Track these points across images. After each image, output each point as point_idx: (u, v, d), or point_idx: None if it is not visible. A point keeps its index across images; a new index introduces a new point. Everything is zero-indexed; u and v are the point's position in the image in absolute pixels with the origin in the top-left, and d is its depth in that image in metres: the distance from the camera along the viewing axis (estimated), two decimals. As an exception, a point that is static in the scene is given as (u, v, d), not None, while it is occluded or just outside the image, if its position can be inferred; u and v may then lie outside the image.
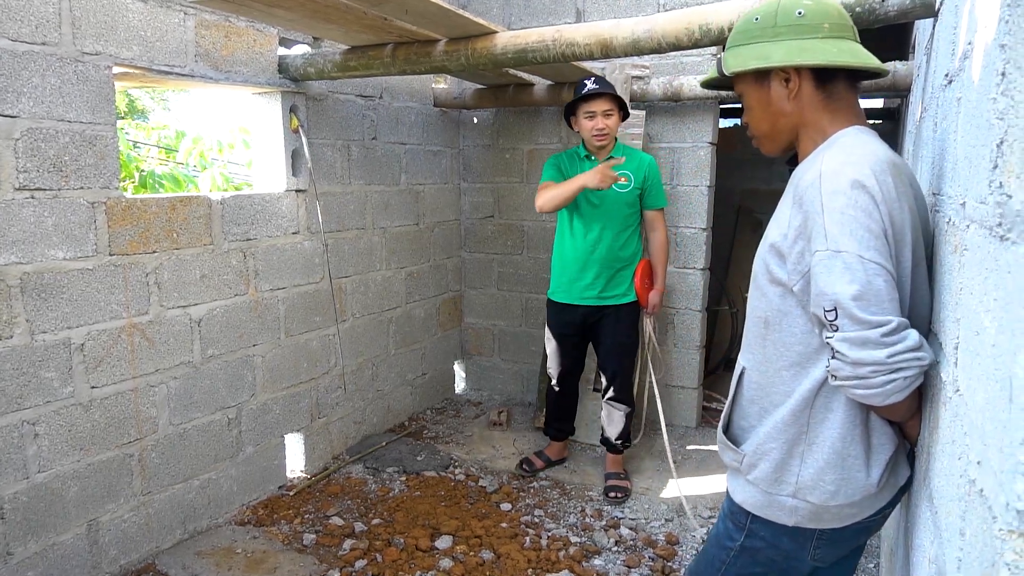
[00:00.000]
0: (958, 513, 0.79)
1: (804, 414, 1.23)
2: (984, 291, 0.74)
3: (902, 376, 1.05)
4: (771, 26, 1.24)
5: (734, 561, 1.38)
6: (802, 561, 1.32)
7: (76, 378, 2.33)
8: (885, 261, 1.08)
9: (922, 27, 2.31)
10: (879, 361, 1.04)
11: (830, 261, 1.09)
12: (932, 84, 1.63)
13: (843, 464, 1.21)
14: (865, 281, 1.06)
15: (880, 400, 1.08)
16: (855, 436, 1.21)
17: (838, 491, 1.22)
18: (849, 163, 1.13)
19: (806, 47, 1.21)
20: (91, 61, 2.31)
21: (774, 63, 1.23)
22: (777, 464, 1.27)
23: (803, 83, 1.25)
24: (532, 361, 4.28)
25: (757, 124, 1.33)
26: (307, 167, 3.17)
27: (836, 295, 1.08)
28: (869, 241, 1.07)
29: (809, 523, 1.27)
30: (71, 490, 2.34)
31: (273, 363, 3.09)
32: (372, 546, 2.72)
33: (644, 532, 2.87)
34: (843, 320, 1.07)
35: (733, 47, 1.30)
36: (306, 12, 2.38)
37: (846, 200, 1.09)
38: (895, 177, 1.14)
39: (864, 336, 1.05)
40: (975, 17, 0.95)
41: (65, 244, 2.27)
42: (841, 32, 1.24)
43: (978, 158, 0.82)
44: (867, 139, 1.21)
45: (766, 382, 1.30)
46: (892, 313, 1.06)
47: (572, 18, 3.88)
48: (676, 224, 3.80)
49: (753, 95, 1.31)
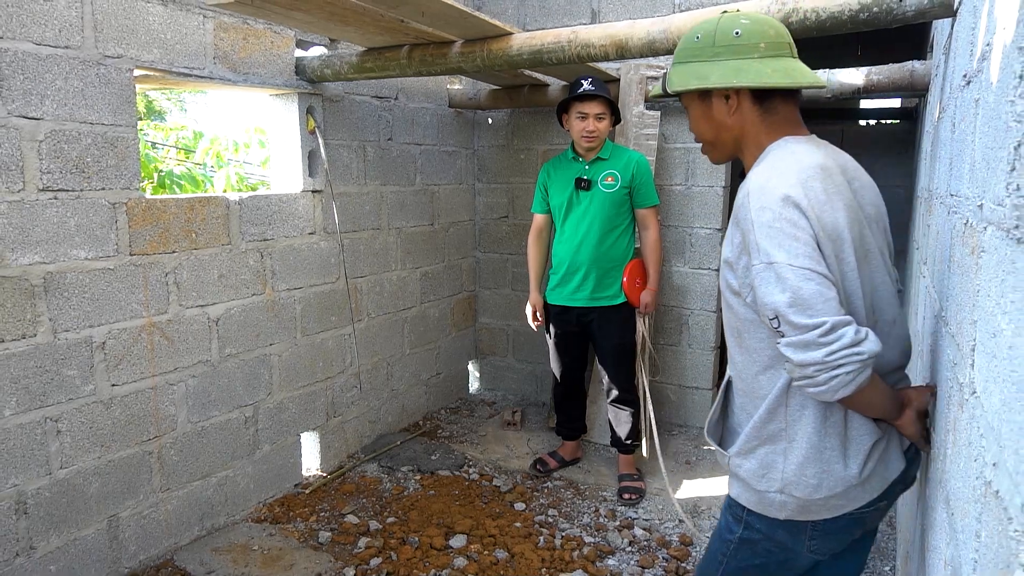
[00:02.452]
0: (974, 515, 0.78)
1: (780, 411, 1.29)
2: (1001, 293, 0.74)
3: (844, 371, 1.10)
4: (710, 45, 1.31)
5: (735, 554, 1.43)
6: (799, 553, 1.35)
7: (97, 376, 2.37)
8: (816, 265, 1.14)
9: (940, 26, 2.30)
10: (819, 361, 1.10)
11: (765, 273, 1.16)
12: (950, 84, 1.62)
13: (821, 457, 1.26)
14: (796, 287, 1.12)
15: (831, 395, 1.13)
16: (828, 430, 1.26)
17: (820, 484, 1.27)
18: (773, 177, 1.21)
19: (742, 68, 1.28)
20: (113, 64, 2.35)
21: (711, 84, 1.30)
22: (761, 462, 1.32)
23: (742, 100, 1.32)
24: (546, 361, 4.27)
25: (702, 134, 1.41)
26: (323, 168, 3.20)
27: (775, 304, 1.14)
28: (797, 249, 1.14)
29: (799, 516, 1.31)
30: (92, 486, 2.38)
31: (289, 362, 3.12)
32: (387, 544, 2.74)
33: (658, 533, 2.87)
34: (785, 327, 1.14)
35: (677, 64, 1.37)
36: (323, 14, 2.40)
37: (772, 215, 1.17)
38: (824, 181, 1.21)
39: (803, 339, 1.12)
40: (994, 18, 0.94)
41: (87, 244, 2.31)
42: (777, 51, 1.30)
43: (996, 160, 0.82)
44: (795, 148, 1.28)
45: (748, 388, 1.36)
46: (827, 314, 1.11)
47: (587, 19, 3.88)
48: (691, 224, 3.79)
49: (697, 109, 1.38)
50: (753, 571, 1.42)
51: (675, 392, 3.96)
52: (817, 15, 2.00)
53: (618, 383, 3.22)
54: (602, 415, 3.64)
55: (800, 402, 1.27)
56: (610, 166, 3.09)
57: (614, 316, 3.15)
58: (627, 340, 3.21)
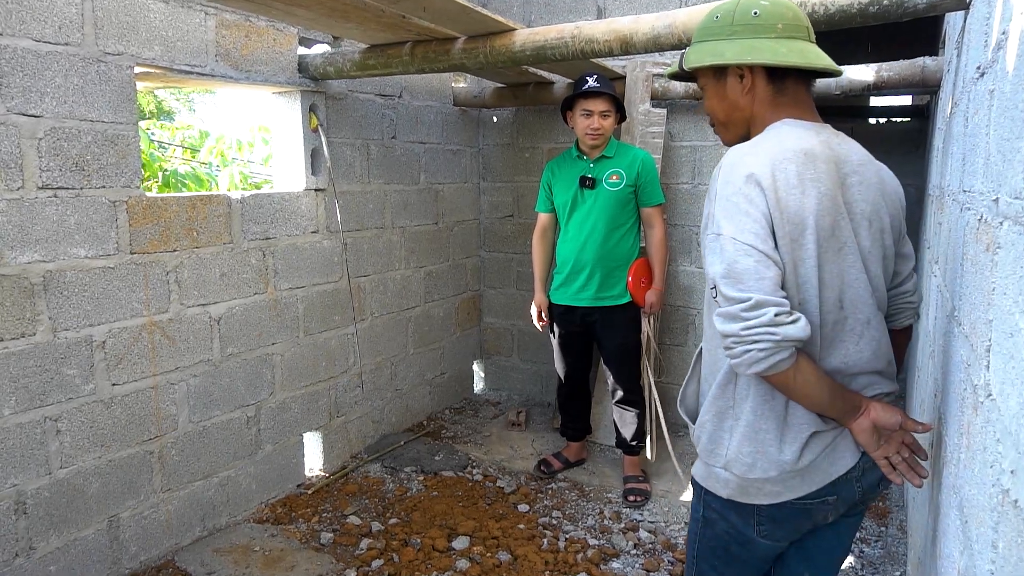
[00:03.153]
0: (990, 524, 0.75)
1: (729, 388, 1.32)
2: (1019, 291, 0.70)
3: (757, 348, 1.12)
4: (728, 24, 1.32)
5: (703, 533, 1.45)
6: (751, 537, 1.37)
7: (98, 375, 2.36)
8: (759, 243, 1.16)
9: (952, 21, 2.25)
10: (735, 333, 1.14)
11: (713, 244, 1.20)
12: (963, 78, 1.57)
13: (756, 438, 1.29)
14: (732, 260, 1.16)
15: (744, 369, 1.16)
16: (766, 412, 1.28)
17: (754, 464, 1.29)
18: (749, 154, 1.23)
19: (757, 46, 1.29)
20: (113, 61, 2.33)
21: (727, 60, 1.31)
22: (711, 436, 1.36)
23: (756, 79, 1.33)
24: (551, 361, 4.23)
25: (715, 113, 1.42)
26: (326, 166, 3.17)
27: (713, 274, 1.19)
28: (745, 224, 1.17)
29: (739, 497, 1.34)
30: (92, 486, 2.37)
31: (292, 362, 3.10)
32: (389, 546, 2.71)
33: (663, 535, 2.83)
34: (720, 297, 1.18)
35: (696, 43, 1.39)
36: (325, 11, 2.38)
37: (732, 188, 1.20)
38: (801, 165, 1.21)
39: (728, 311, 1.15)
40: (1010, 5, 0.91)
41: (87, 242, 2.29)
42: (794, 32, 1.31)
43: (1012, 151, 0.78)
44: (787, 131, 1.28)
45: (711, 361, 1.39)
46: (756, 291, 1.14)
47: (593, 15, 3.85)
48: (697, 223, 3.75)
49: (711, 88, 1.40)
50: (720, 552, 1.44)
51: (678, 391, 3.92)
52: (825, 8, 1.96)
53: (623, 384, 3.19)
54: (607, 416, 3.61)
55: (747, 381, 1.29)
56: (615, 164, 3.06)
57: (619, 316, 3.12)
58: (632, 340, 3.17)
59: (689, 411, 1.49)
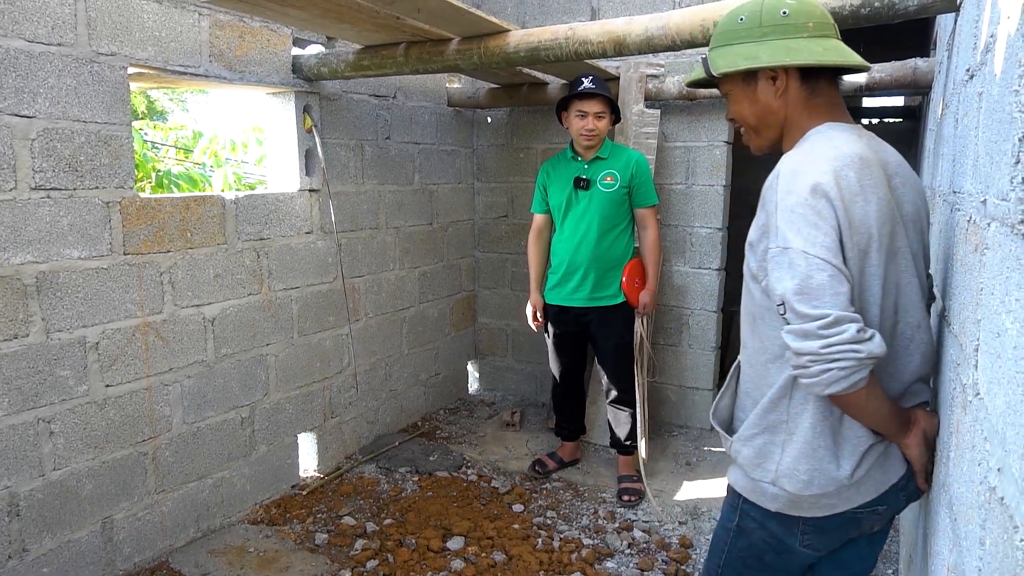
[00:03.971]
0: (978, 521, 0.76)
1: (783, 402, 1.27)
2: (1006, 291, 0.71)
3: (837, 367, 1.07)
4: (757, 26, 1.27)
5: (734, 542, 1.42)
6: (792, 547, 1.34)
7: (91, 376, 2.35)
8: (831, 257, 1.10)
9: (943, 22, 2.27)
10: (814, 351, 1.08)
11: (779, 258, 1.14)
12: (954, 80, 1.59)
13: (814, 455, 1.24)
14: (805, 276, 1.10)
15: (821, 389, 1.11)
16: (824, 428, 1.23)
17: (811, 481, 1.24)
18: (807, 161, 1.17)
19: (792, 47, 1.25)
20: (106, 62, 2.33)
21: (763, 63, 1.26)
22: (759, 450, 1.31)
23: (790, 81, 1.28)
24: (545, 361, 4.23)
25: (744, 119, 1.37)
26: (320, 167, 3.17)
27: (783, 290, 1.12)
28: (815, 238, 1.11)
29: (790, 510, 1.30)
30: (86, 488, 2.36)
31: (286, 363, 3.10)
32: (384, 546, 2.71)
33: (658, 535, 2.84)
34: (789, 314, 1.12)
35: (719, 47, 1.33)
36: (319, 11, 2.38)
37: (796, 199, 1.14)
38: (860, 171, 1.16)
39: (804, 328, 1.10)
40: (998, 8, 0.92)
41: (80, 243, 2.29)
42: (824, 31, 1.27)
43: (999, 153, 0.80)
44: (836, 135, 1.23)
45: (756, 375, 1.34)
46: (833, 307, 1.08)
47: (587, 16, 3.86)
48: (691, 224, 3.76)
49: (739, 92, 1.34)
50: (751, 561, 1.41)
51: (675, 393, 3.94)
52: (818, 10, 1.97)
53: (617, 384, 3.20)
54: (601, 416, 3.62)
55: (803, 396, 1.25)
56: (609, 165, 3.06)
57: (613, 316, 3.13)
58: (626, 340, 3.18)
59: (723, 423, 1.45)
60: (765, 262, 1.20)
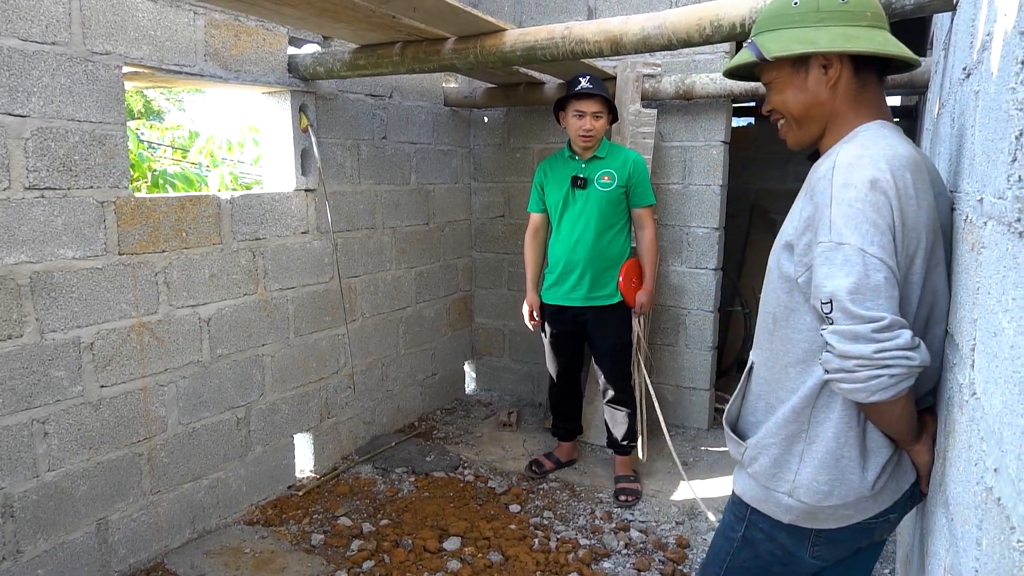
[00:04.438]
0: (974, 522, 0.75)
1: (805, 412, 1.22)
2: (1002, 290, 0.71)
3: (888, 373, 1.03)
4: (814, 11, 1.21)
5: (737, 552, 1.38)
6: (801, 558, 1.31)
7: (85, 377, 2.34)
8: (888, 258, 1.05)
9: (940, 21, 2.27)
10: (866, 355, 1.03)
11: (831, 253, 1.07)
12: (950, 79, 1.59)
13: (837, 465, 1.20)
14: (863, 275, 1.04)
15: (864, 396, 1.05)
16: (850, 438, 1.19)
17: (832, 492, 1.21)
18: (865, 156, 1.10)
19: (851, 34, 1.18)
20: (101, 61, 2.32)
21: (820, 48, 1.19)
22: (776, 460, 1.26)
23: (843, 72, 1.22)
24: (543, 362, 4.23)
25: (788, 109, 1.28)
26: (317, 166, 3.16)
27: (834, 288, 1.06)
28: (873, 236, 1.05)
29: (804, 522, 1.26)
30: (80, 489, 2.35)
31: (282, 363, 3.09)
32: (380, 547, 2.70)
33: (654, 535, 2.84)
34: (837, 313, 1.06)
35: (767, 31, 1.26)
36: (314, 10, 2.37)
37: (855, 193, 1.07)
38: (915, 175, 1.11)
39: (855, 330, 1.04)
40: (994, 6, 0.91)
41: (75, 243, 2.28)
42: (880, 22, 1.22)
43: (996, 152, 0.79)
44: (889, 134, 1.18)
45: (772, 378, 1.30)
46: (888, 310, 1.04)
47: (584, 16, 3.85)
48: (688, 224, 3.76)
49: (786, 80, 1.26)
50: (756, 571, 1.37)
51: (672, 393, 3.93)
52: (814, 10, 1.96)
53: (614, 383, 3.19)
54: (598, 416, 3.61)
55: (826, 403, 1.20)
56: (606, 165, 3.06)
57: (610, 316, 3.12)
58: (623, 340, 3.18)
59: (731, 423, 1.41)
60: (807, 257, 1.14)
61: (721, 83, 3.39)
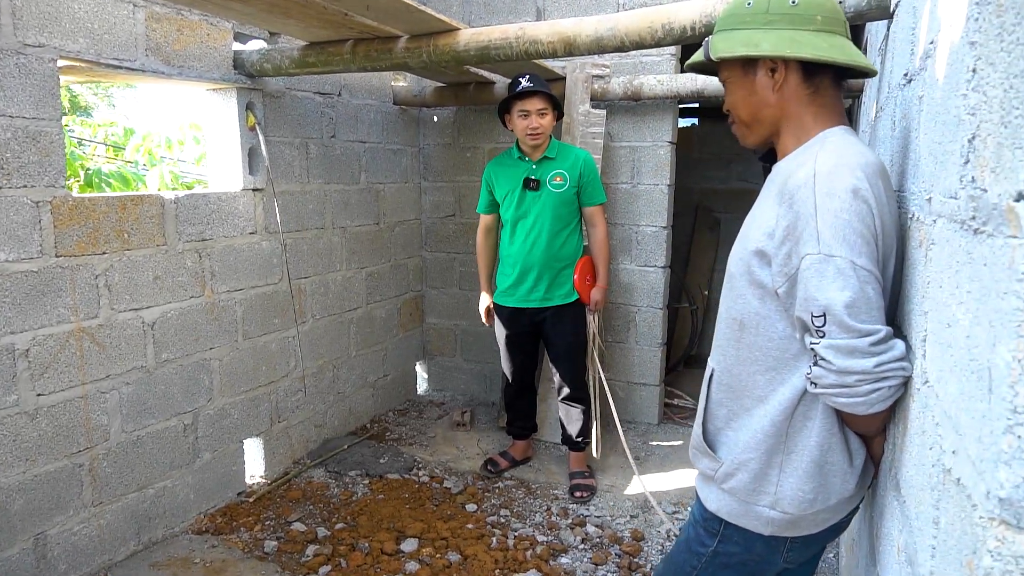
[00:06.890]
0: (931, 502, 0.80)
1: (784, 424, 1.21)
2: (956, 284, 0.75)
3: (887, 385, 1.04)
4: (763, 12, 1.20)
5: (706, 566, 1.36)
6: (775, 564, 1.32)
7: (20, 385, 2.23)
8: (875, 268, 1.06)
9: (875, 29, 2.37)
10: (866, 370, 1.03)
11: (822, 265, 1.05)
12: (889, 84, 1.66)
13: (821, 472, 1.20)
14: (858, 289, 1.03)
15: (864, 409, 1.06)
16: (834, 444, 1.19)
17: (816, 498, 1.21)
18: (844, 165, 1.09)
19: (797, 39, 1.17)
20: (34, 53, 2.21)
21: (763, 52, 1.18)
22: (756, 475, 1.24)
23: (789, 75, 1.21)
24: (495, 361, 4.26)
25: (737, 110, 1.29)
26: (264, 166, 3.09)
27: (828, 301, 1.04)
28: (862, 247, 1.04)
29: (785, 531, 1.26)
30: (16, 503, 2.24)
31: (231, 367, 3.01)
32: (336, 551, 2.66)
33: (610, 529, 2.88)
34: (831, 327, 1.05)
35: (722, 30, 1.25)
36: (264, 6, 2.32)
37: (839, 203, 1.05)
38: (884, 181, 1.13)
39: (852, 344, 1.03)
40: (937, 17, 0.97)
41: (8, 245, 2.16)
42: (833, 26, 1.20)
43: (945, 154, 0.84)
44: (855, 141, 1.18)
45: (737, 385, 1.28)
46: (880, 322, 1.05)
47: (532, 17, 3.88)
48: (637, 222, 3.83)
49: (736, 82, 1.27)
50: None
51: (623, 388, 4.00)
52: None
53: (570, 381, 3.23)
54: (552, 413, 3.65)
55: (804, 412, 1.19)
56: (558, 165, 3.08)
57: (567, 314, 3.15)
58: (580, 338, 3.21)
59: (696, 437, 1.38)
60: (787, 267, 1.12)
61: (668, 84, 3.46)
